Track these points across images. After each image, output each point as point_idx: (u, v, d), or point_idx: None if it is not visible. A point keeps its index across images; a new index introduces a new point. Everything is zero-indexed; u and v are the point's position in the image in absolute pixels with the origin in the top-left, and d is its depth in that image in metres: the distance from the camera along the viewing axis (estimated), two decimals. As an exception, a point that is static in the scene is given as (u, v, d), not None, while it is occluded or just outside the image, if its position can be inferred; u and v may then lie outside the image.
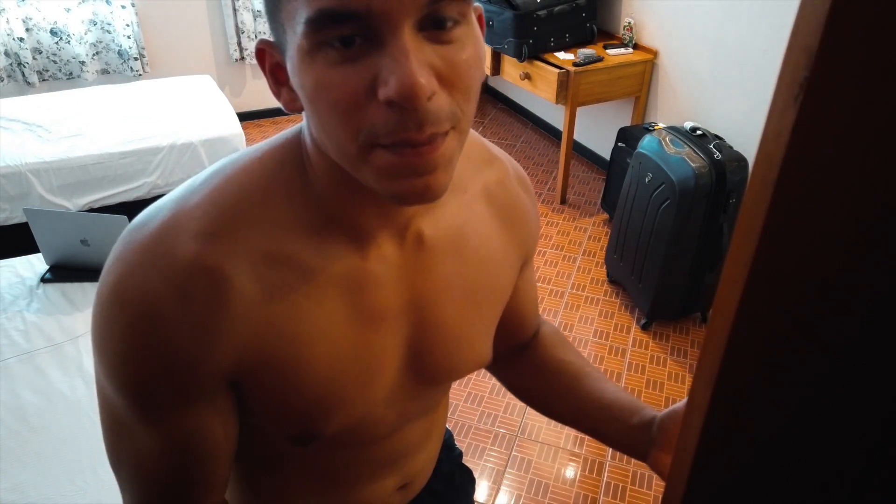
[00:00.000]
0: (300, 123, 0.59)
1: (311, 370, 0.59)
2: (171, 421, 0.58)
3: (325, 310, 0.58)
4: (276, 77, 0.53)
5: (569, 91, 2.99)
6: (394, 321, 0.64)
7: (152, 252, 0.53)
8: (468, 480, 1.02)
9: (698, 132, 2.45)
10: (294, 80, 0.49)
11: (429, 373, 0.69)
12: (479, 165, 0.70)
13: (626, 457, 2.06)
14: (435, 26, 0.46)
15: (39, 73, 3.63)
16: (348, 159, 0.50)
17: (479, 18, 0.52)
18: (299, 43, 0.46)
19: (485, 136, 3.85)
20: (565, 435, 2.14)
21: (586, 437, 2.12)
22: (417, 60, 0.44)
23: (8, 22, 3.41)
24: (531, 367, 0.88)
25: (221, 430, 0.61)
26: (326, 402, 0.61)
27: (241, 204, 0.55)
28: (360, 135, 0.47)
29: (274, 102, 4.37)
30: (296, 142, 0.59)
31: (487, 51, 3.35)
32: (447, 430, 1.00)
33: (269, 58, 0.53)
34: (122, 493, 0.64)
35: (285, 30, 0.48)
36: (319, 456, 0.72)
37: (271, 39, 0.52)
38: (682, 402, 0.79)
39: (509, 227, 0.72)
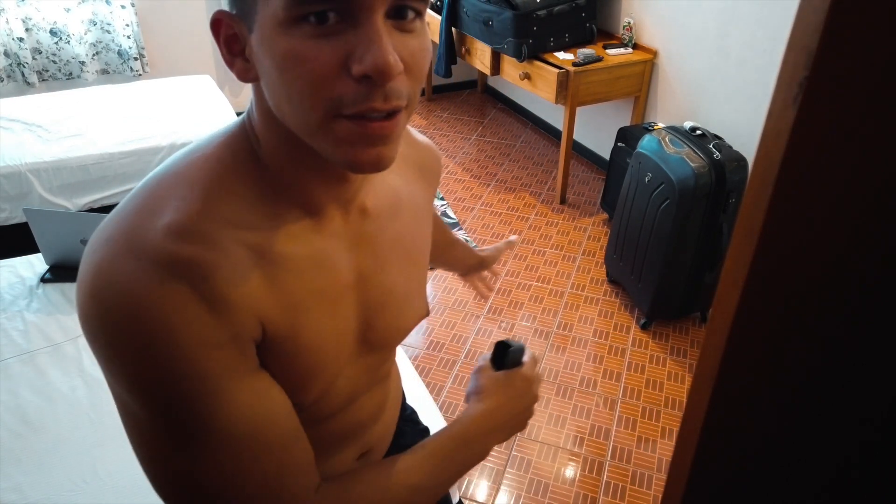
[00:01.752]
0: (239, 117, 0.63)
1: (303, 337, 0.62)
2: (236, 400, 0.56)
3: (303, 282, 0.62)
4: (231, 48, 0.55)
5: (568, 91, 2.99)
6: (350, 293, 0.68)
7: (134, 265, 0.52)
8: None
9: (698, 132, 2.45)
10: (259, 49, 0.52)
11: (378, 338, 0.72)
12: None
13: (625, 457, 2.06)
14: (397, 16, 0.52)
15: (39, 73, 3.63)
16: (308, 128, 0.53)
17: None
18: (274, 13, 0.49)
19: (485, 136, 3.80)
20: (565, 435, 2.14)
21: (586, 436, 2.12)
22: (388, 43, 0.50)
23: (7, 22, 3.40)
24: None
25: (279, 394, 0.61)
26: (311, 372, 0.64)
27: (201, 202, 0.56)
28: (325, 104, 0.51)
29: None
30: (240, 130, 0.61)
31: (487, 50, 3.35)
32: (410, 407, 1.03)
33: (224, 28, 0.55)
34: None
35: (256, 0, 0.51)
36: None
37: (229, 10, 0.55)
38: (490, 249, 1.22)
39: (423, 175, 0.78)
